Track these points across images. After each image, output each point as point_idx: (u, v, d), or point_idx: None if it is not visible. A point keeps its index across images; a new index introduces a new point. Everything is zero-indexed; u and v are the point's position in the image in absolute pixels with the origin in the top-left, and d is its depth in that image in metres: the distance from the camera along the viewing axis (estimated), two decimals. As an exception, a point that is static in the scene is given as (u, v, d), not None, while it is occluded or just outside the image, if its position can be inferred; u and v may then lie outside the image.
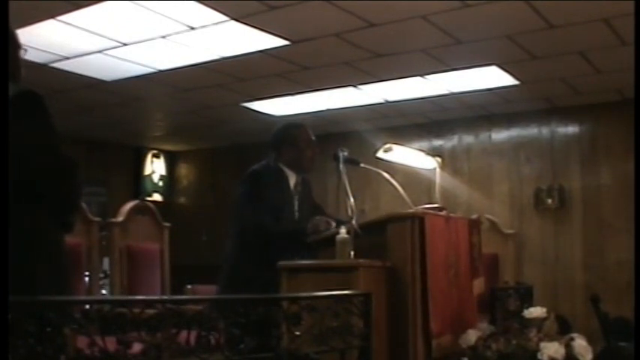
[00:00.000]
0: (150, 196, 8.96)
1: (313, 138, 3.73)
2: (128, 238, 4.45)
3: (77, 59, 5.26)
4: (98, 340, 1.77)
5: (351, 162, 3.56)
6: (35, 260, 2.12)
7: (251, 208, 3.51)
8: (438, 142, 7.37)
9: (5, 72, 2.20)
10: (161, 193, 9.27)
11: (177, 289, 4.57)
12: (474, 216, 5.07)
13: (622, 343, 4.55)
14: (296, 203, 3.66)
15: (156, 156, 9.26)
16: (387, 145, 5.68)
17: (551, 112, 6.76)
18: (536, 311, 3.28)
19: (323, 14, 4.35)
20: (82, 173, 2.32)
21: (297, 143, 3.66)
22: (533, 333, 3.19)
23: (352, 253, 3.03)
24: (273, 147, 3.71)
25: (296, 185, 3.68)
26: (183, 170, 9.44)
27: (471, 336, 3.26)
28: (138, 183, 9.07)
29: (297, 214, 3.65)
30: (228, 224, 3.75)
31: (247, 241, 3.54)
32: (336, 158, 3.48)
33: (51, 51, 5.03)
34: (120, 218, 4.45)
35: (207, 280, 5.68)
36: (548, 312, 3.30)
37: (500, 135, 7.07)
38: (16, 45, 2.36)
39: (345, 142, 5.20)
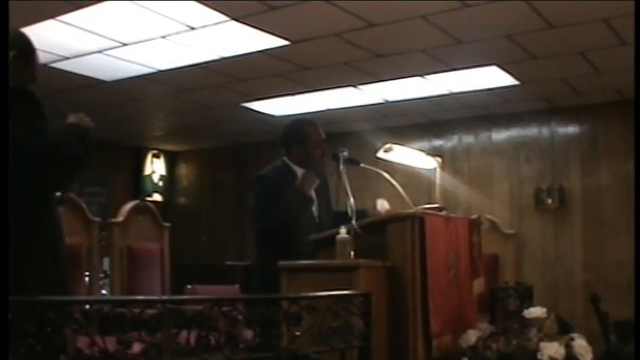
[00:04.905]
0: (150, 196, 8.96)
1: (323, 136, 3.70)
2: (128, 238, 4.45)
3: (77, 59, 5.26)
4: (98, 340, 1.76)
5: (351, 162, 3.56)
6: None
7: (264, 219, 3.49)
8: (438, 142, 7.37)
9: (5, 72, 2.21)
10: (161, 193, 9.28)
11: (177, 289, 4.57)
12: (474, 216, 5.07)
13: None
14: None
15: (156, 156, 9.26)
16: (387, 145, 5.68)
17: (551, 112, 6.76)
18: (536, 311, 3.28)
19: (323, 14, 4.35)
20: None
21: (306, 142, 3.64)
22: (533, 333, 3.19)
23: (352, 253, 3.03)
24: (282, 144, 3.70)
25: None
26: (183, 170, 9.45)
27: (471, 336, 3.26)
28: (138, 183, 9.07)
29: (313, 207, 3.62)
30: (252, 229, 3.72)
31: (268, 249, 3.53)
32: (336, 158, 3.48)
33: (51, 51, 5.03)
34: (120, 218, 4.46)
35: (207, 280, 5.71)
36: (548, 312, 3.30)
37: (500, 135, 7.07)
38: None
39: (345, 142, 5.21)
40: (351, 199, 3.19)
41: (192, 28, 4.62)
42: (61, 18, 4.42)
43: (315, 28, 4.64)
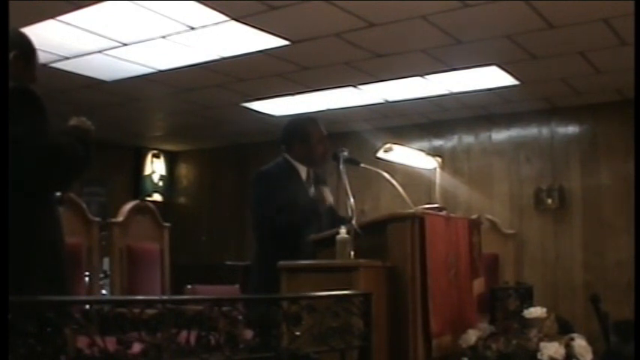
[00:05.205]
0: (150, 196, 8.96)
1: (325, 132, 3.70)
2: (128, 238, 4.44)
3: (77, 59, 5.26)
4: (98, 340, 1.76)
5: (351, 162, 3.55)
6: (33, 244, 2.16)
7: (264, 212, 3.49)
8: (438, 142, 7.37)
9: (5, 72, 2.21)
10: (161, 193, 9.28)
11: (177, 289, 4.57)
12: (474, 216, 5.07)
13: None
14: (311, 193, 3.64)
15: (156, 156, 9.26)
16: (387, 145, 5.68)
17: (551, 112, 6.76)
18: (536, 311, 3.28)
19: (323, 14, 4.35)
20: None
21: (308, 139, 3.63)
22: (533, 333, 3.19)
23: (352, 253, 3.03)
24: (284, 141, 3.69)
25: (308, 177, 3.67)
26: (183, 170, 9.45)
27: (471, 336, 3.26)
28: (138, 183, 9.07)
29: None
30: (252, 226, 3.73)
31: (268, 242, 3.54)
32: (336, 158, 3.47)
33: (51, 51, 5.03)
34: (120, 218, 4.45)
35: (207, 280, 5.71)
36: (548, 312, 3.30)
37: (500, 135, 7.07)
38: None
39: (345, 142, 5.21)
40: (351, 199, 3.19)
41: (192, 28, 4.62)
42: (61, 18, 4.42)
43: (315, 28, 4.64)
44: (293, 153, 3.65)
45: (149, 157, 9.19)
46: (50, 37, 4.74)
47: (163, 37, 4.78)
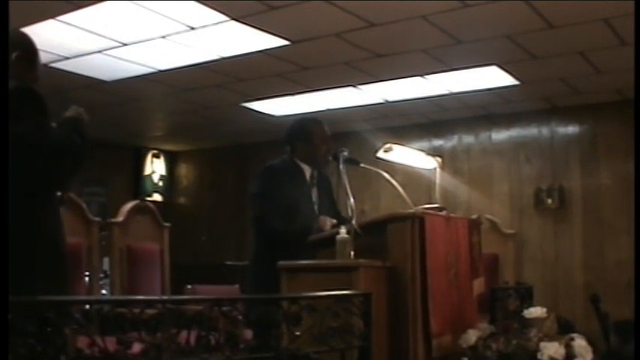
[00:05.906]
0: (150, 196, 8.95)
1: (328, 133, 3.72)
2: (128, 238, 4.45)
3: (77, 59, 5.26)
4: (98, 340, 1.76)
5: (351, 162, 3.56)
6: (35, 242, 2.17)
7: (264, 208, 3.50)
8: (438, 142, 7.36)
9: (5, 72, 2.21)
10: (161, 193, 9.27)
11: (177, 289, 4.57)
12: (474, 216, 5.07)
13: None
14: (314, 195, 3.66)
15: (156, 156, 9.26)
16: (387, 145, 5.69)
17: (551, 112, 6.76)
18: (536, 311, 3.28)
19: (323, 14, 4.35)
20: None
21: (311, 139, 3.65)
22: (533, 333, 3.19)
23: (352, 253, 3.03)
24: (287, 142, 3.71)
25: (312, 178, 3.68)
26: (183, 170, 9.45)
27: (471, 336, 3.26)
28: (138, 183, 9.07)
29: (315, 206, 3.65)
30: (251, 223, 3.74)
31: (265, 241, 3.54)
32: (336, 158, 3.48)
33: (51, 51, 5.03)
34: (120, 218, 4.46)
35: (207, 280, 5.71)
36: (548, 312, 3.30)
37: (500, 135, 7.06)
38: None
39: (345, 142, 5.21)
40: (351, 199, 3.19)
41: (192, 28, 4.62)
42: (61, 18, 4.42)
43: (315, 28, 4.64)
44: (297, 153, 3.67)
45: (149, 157, 9.19)
46: (50, 37, 4.73)
47: (163, 37, 4.78)
